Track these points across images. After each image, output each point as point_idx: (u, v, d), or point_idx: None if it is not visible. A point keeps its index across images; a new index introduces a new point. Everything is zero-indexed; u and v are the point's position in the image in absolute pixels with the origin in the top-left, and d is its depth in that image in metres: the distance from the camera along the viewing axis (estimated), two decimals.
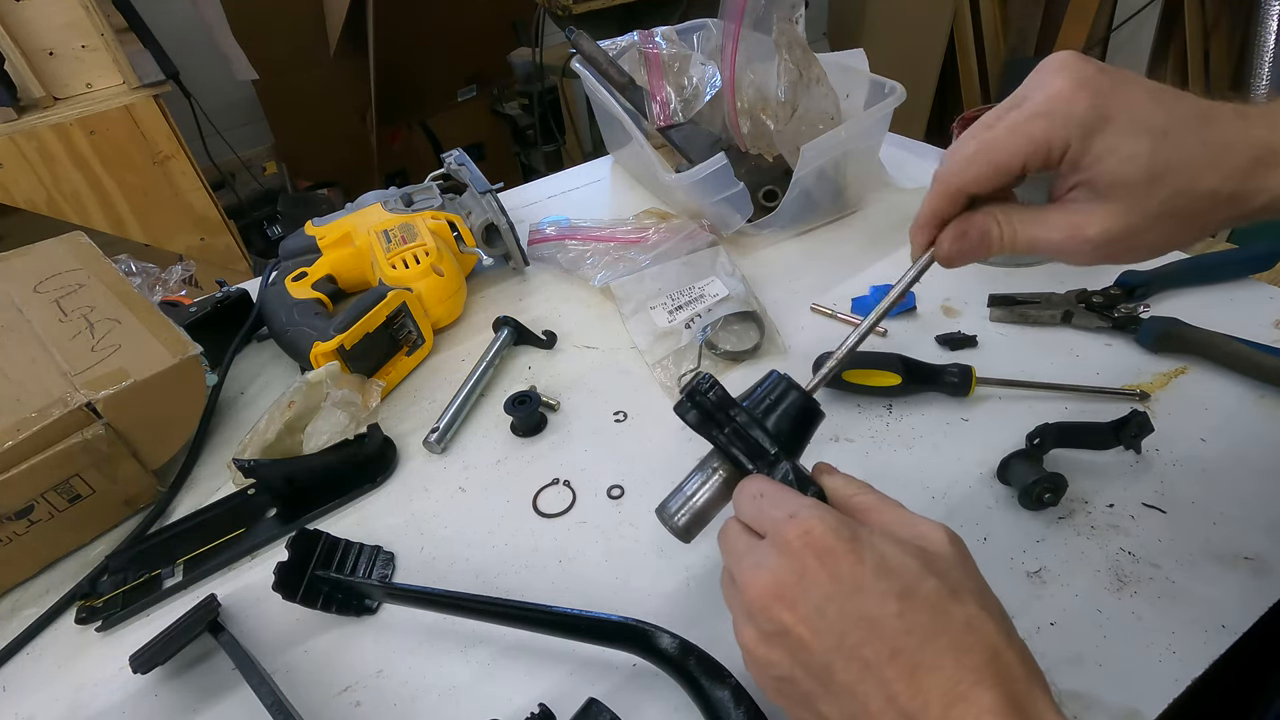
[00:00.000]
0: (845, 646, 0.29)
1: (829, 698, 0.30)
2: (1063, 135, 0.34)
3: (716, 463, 0.39)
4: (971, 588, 0.30)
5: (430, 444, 0.62)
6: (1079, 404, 0.59)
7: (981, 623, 0.29)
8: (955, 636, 0.28)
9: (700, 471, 0.40)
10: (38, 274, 0.67)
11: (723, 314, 0.69)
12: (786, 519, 0.32)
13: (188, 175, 1.45)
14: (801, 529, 0.31)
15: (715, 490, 0.39)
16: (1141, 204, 0.34)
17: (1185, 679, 0.42)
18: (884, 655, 0.28)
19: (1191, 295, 0.68)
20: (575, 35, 0.91)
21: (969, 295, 0.71)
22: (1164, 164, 0.33)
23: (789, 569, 0.31)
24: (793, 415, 0.38)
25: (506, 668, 0.46)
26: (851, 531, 0.31)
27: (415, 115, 2.38)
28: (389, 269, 0.71)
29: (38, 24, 1.30)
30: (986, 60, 2.36)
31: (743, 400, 0.39)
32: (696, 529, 0.39)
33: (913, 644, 0.28)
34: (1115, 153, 0.34)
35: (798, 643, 0.30)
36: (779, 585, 0.31)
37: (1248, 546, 0.48)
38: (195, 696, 0.47)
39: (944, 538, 0.32)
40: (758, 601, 0.31)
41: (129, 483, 0.57)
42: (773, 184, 0.82)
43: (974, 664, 0.27)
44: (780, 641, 0.31)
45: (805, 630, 0.30)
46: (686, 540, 0.40)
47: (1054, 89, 0.34)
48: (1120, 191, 0.34)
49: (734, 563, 0.34)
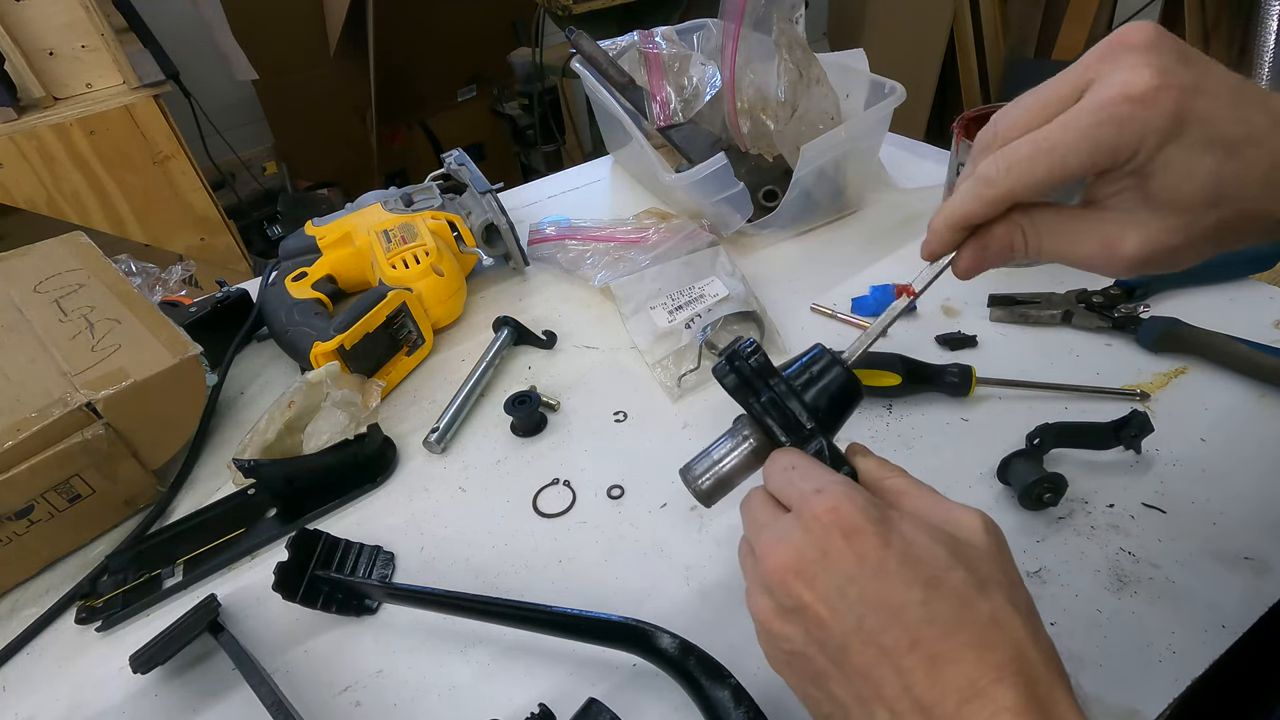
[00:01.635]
0: (864, 630, 0.28)
1: (842, 679, 0.29)
2: (1134, 144, 0.29)
3: (748, 430, 0.38)
4: (1001, 580, 0.29)
5: (430, 444, 0.62)
6: (1079, 404, 0.59)
7: (1008, 618, 0.28)
8: (979, 631, 0.27)
9: (730, 437, 0.38)
10: (38, 274, 0.67)
11: (723, 314, 0.69)
12: (814, 493, 0.31)
13: (188, 175, 1.45)
14: (829, 505, 0.30)
15: (743, 458, 0.38)
16: (1193, 223, 0.30)
17: (1185, 679, 0.42)
18: (903, 643, 0.27)
19: (1191, 295, 0.68)
20: (575, 35, 0.91)
21: (969, 295, 0.71)
22: (1230, 184, 0.30)
23: (812, 545, 0.30)
24: (833, 392, 0.37)
25: (506, 668, 0.46)
26: (880, 513, 0.30)
27: (415, 115, 2.38)
28: (389, 269, 0.71)
29: (38, 24, 1.30)
30: (986, 60, 2.36)
31: (783, 370, 0.37)
32: (719, 494, 0.38)
33: (934, 635, 0.27)
34: (1182, 168, 0.29)
35: (815, 620, 0.29)
36: (800, 561, 0.30)
37: (1248, 546, 0.48)
38: (195, 696, 0.47)
39: (978, 525, 0.31)
40: (776, 574, 0.31)
41: (129, 483, 0.57)
42: (773, 184, 0.82)
43: (996, 660, 0.27)
44: (796, 617, 0.30)
45: (823, 609, 0.29)
46: (708, 505, 0.39)
47: (1134, 86, 0.29)
48: (1174, 209, 0.30)
49: (755, 533, 0.33)
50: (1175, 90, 0.29)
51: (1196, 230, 0.30)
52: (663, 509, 0.55)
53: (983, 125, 0.35)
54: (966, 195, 0.33)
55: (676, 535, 0.53)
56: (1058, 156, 0.30)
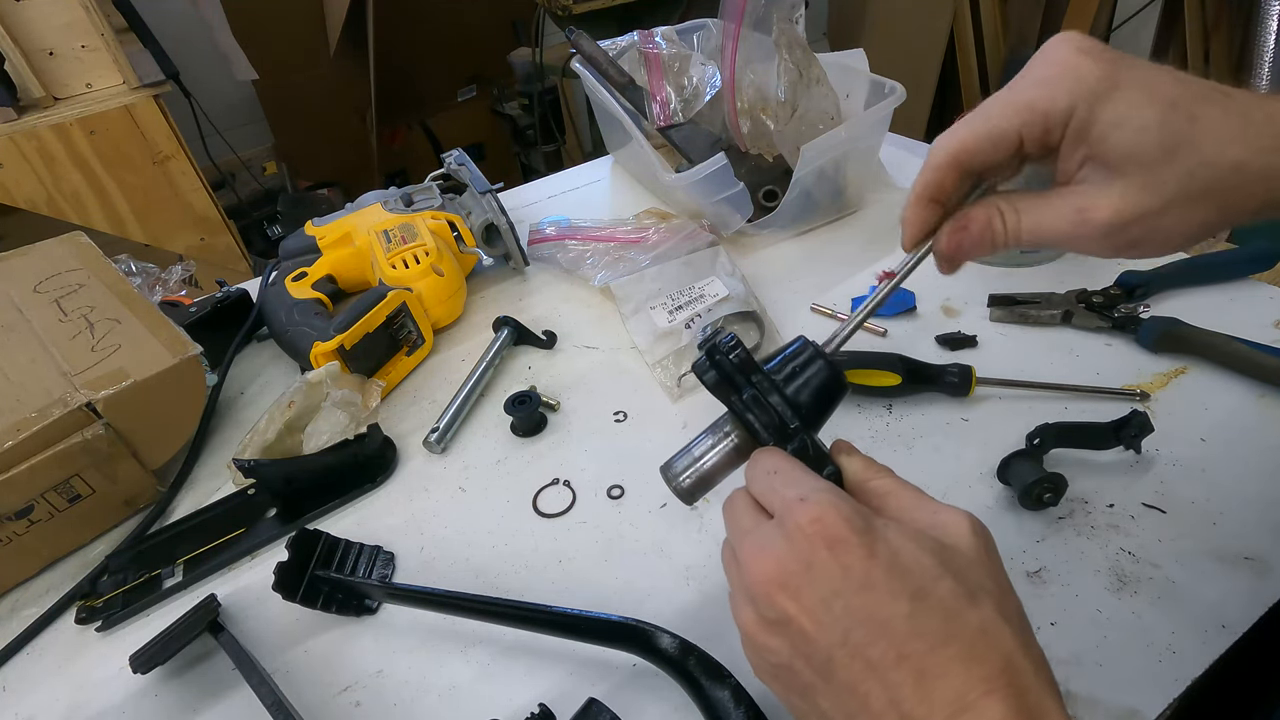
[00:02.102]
0: (850, 644, 0.28)
1: (829, 692, 0.29)
2: (1066, 102, 0.31)
3: (729, 427, 0.37)
4: (990, 588, 0.29)
5: (430, 444, 0.62)
6: (1079, 404, 0.59)
7: (997, 629, 0.27)
8: (968, 643, 0.27)
9: (711, 433, 0.37)
10: (38, 274, 0.67)
11: (723, 314, 0.69)
12: (798, 501, 0.30)
13: (188, 175, 1.45)
14: (813, 514, 0.30)
15: (725, 455, 0.37)
16: (1158, 180, 0.31)
17: (1185, 679, 0.42)
18: (890, 657, 0.27)
19: (1191, 295, 0.68)
20: (575, 35, 0.91)
21: (969, 295, 0.71)
22: (1182, 134, 0.30)
23: (796, 556, 0.29)
24: (816, 387, 0.35)
25: (506, 668, 0.46)
26: (865, 522, 0.30)
27: (415, 115, 2.38)
28: (389, 269, 0.71)
29: (38, 24, 1.30)
30: (986, 60, 2.36)
31: (765, 364, 0.36)
32: (700, 492, 0.38)
33: (922, 648, 0.27)
34: (1126, 123, 0.30)
35: (799, 633, 0.29)
36: (784, 572, 0.29)
37: (1248, 546, 0.48)
38: (195, 696, 0.47)
39: (965, 528, 0.30)
40: (760, 585, 0.30)
41: (129, 483, 0.57)
42: (773, 184, 0.82)
43: (985, 674, 0.26)
44: (781, 630, 0.30)
45: (808, 622, 0.29)
46: (689, 503, 0.38)
47: (1055, 57, 0.32)
48: (1133, 166, 0.31)
49: (738, 539, 0.33)
50: (1101, 59, 0.31)
51: (1167, 186, 0.31)
52: (663, 509, 0.55)
53: None
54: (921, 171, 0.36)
55: (676, 535, 0.53)
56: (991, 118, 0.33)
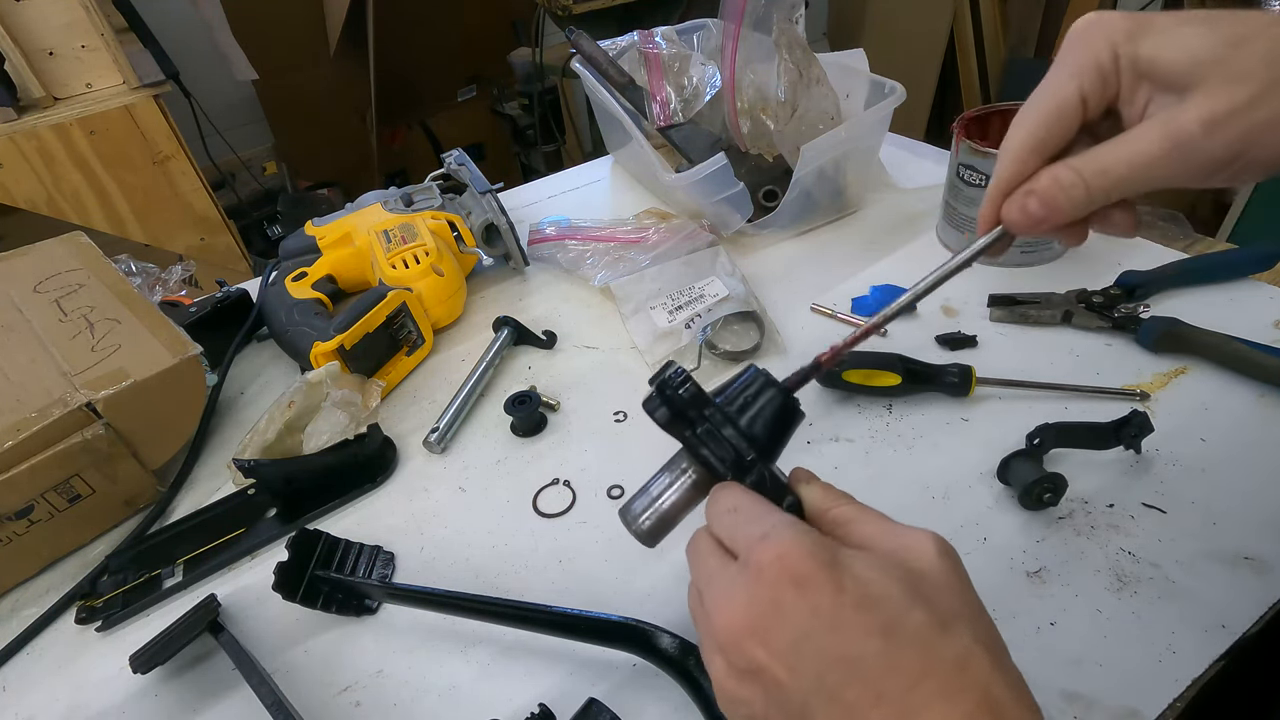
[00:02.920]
0: (825, 688, 0.27)
1: None
2: (1107, 49, 0.32)
3: (686, 463, 0.36)
4: (964, 614, 0.28)
5: (430, 444, 0.62)
6: (1079, 404, 0.59)
7: (973, 658, 0.27)
8: (945, 678, 0.26)
9: (668, 471, 0.37)
10: (38, 274, 0.67)
11: (723, 314, 0.69)
12: (759, 539, 0.30)
13: (188, 175, 1.45)
14: (776, 553, 0.29)
15: (684, 493, 0.36)
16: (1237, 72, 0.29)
17: (1185, 679, 0.42)
18: (867, 699, 0.26)
19: (1191, 295, 0.68)
20: (575, 35, 0.91)
21: (969, 295, 0.71)
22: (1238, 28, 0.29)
23: (763, 600, 0.28)
24: (769, 417, 0.35)
25: (506, 668, 0.46)
26: (830, 554, 0.29)
27: (415, 115, 2.38)
28: (389, 269, 0.71)
29: (38, 24, 1.30)
30: (986, 60, 2.36)
31: (716, 396, 0.35)
32: (662, 534, 0.37)
33: (899, 686, 0.26)
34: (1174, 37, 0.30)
35: (772, 682, 0.28)
36: (751, 618, 0.29)
37: (1248, 546, 0.48)
38: (195, 696, 0.47)
39: (931, 550, 0.29)
40: (728, 635, 0.29)
41: (129, 483, 0.57)
42: (773, 184, 0.82)
43: (965, 709, 0.25)
44: (753, 679, 0.29)
45: (780, 669, 0.28)
46: (651, 545, 0.37)
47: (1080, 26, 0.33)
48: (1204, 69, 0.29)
49: (704, 583, 0.32)
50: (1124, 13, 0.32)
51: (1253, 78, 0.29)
52: None
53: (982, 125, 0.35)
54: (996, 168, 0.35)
55: (677, 535, 0.53)
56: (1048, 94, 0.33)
